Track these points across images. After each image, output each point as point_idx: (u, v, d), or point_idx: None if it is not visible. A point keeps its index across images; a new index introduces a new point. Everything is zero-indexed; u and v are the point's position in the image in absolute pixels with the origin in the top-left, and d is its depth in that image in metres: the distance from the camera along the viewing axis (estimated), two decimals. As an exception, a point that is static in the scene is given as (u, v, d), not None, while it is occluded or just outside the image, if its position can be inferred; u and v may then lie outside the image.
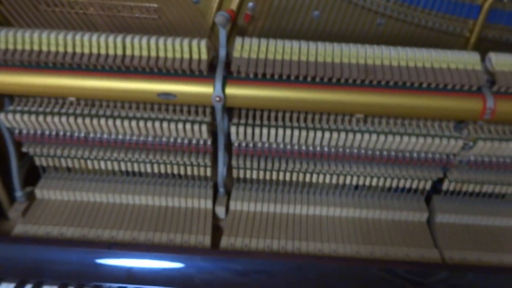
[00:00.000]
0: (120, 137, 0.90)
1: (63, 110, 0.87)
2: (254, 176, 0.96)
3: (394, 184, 0.96)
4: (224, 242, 0.90)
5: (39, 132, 0.90)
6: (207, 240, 0.91)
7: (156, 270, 0.81)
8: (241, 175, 0.96)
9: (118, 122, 0.86)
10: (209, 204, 0.98)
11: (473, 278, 0.82)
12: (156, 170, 0.96)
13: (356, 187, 1.00)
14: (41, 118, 0.86)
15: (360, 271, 0.83)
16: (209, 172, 0.96)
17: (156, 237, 0.90)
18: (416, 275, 0.83)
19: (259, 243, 0.90)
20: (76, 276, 0.82)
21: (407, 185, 0.96)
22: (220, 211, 0.99)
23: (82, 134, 0.90)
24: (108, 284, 0.82)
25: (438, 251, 0.90)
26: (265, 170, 0.95)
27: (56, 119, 0.86)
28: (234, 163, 0.93)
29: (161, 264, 0.82)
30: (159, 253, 0.83)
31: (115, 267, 0.82)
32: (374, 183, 0.95)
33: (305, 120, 0.89)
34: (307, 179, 0.95)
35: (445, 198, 0.99)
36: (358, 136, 0.86)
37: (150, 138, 0.90)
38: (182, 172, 0.96)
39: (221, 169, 0.95)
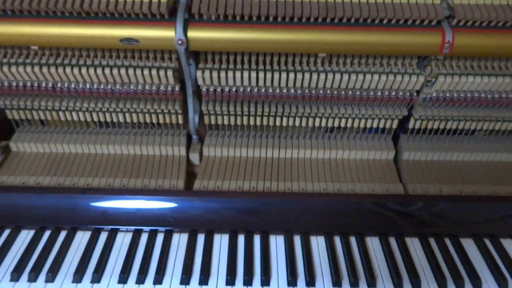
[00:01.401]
0: (88, 86, 0.90)
1: (28, 60, 0.87)
2: (226, 122, 0.98)
3: (362, 125, 0.98)
4: (197, 184, 0.94)
5: (6, 84, 0.90)
6: (180, 184, 0.94)
7: (129, 211, 0.85)
8: (213, 121, 0.98)
9: (83, 70, 0.86)
10: (183, 151, 1.00)
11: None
12: (128, 120, 0.98)
13: (326, 130, 1.03)
14: (5, 68, 0.86)
15: (326, 203, 0.88)
16: (180, 119, 0.98)
17: (130, 183, 0.93)
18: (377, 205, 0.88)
19: (231, 185, 0.93)
20: (52, 220, 0.85)
21: (375, 125, 0.98)
22: (194, 157, 1.02)
23: (50, 84, 0.90)
24: (84, 226, 0.85)
25: (402, 185, 0.95)
26: (235, 115, 0.97)
27: (21, 69, 0.86)
28: (204, 109, 0.95)
29: (134, 204, 0.85)
30: (132, 195, 0.86)
31: (90, 210, 0.85)
32: (342, 124, 0.98)
33: (271, 63, 0.90)
34: (277, 122, 0.98)
35: (412, 137, 1.02)
36: (322, 76, 0.87)
37: (118, 86, 0.90)
38: (154, 120, 0.98)
39: (192, 115, 0.97)
